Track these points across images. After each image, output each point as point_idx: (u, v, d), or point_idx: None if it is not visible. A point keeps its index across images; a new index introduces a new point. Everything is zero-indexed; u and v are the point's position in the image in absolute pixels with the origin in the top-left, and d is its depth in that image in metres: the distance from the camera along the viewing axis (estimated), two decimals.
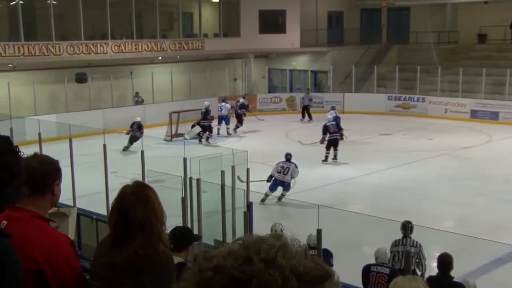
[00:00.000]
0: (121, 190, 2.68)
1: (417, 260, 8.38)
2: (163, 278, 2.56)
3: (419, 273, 8.22)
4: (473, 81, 25.90)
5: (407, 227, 8.71)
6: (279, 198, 13.94)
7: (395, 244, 8.66)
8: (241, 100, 24.13)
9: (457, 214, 13.22)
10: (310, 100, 26.80)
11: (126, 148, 19.46)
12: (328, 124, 18.50)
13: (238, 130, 23.32)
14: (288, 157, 14.43)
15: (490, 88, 25.52)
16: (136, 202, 2.58)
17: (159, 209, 2.65)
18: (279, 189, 14.04)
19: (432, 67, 27.58)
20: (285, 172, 13.98)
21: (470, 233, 9.68)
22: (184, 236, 5.48)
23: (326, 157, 17.88)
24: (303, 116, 26.40)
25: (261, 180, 13.76)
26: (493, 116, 24.91)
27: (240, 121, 23.51)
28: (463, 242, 9.26)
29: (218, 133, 22.75)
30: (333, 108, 22.22)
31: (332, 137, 17.96)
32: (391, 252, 8.56)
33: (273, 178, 14.01)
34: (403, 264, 8.28)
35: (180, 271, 2.37)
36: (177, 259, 5.08)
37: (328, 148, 17.96)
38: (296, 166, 14.16)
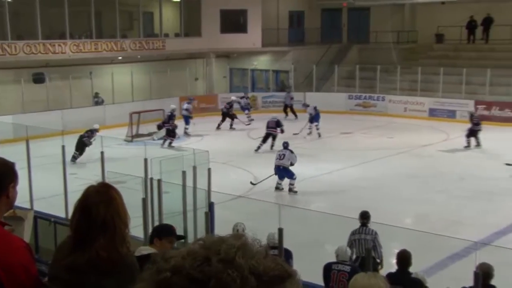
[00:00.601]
0: (85, 190, 2.63)
1: (376, 246, 8.81)
2: (126, 283, 2.44)
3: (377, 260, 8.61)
4: (431, 80, 26.38)
5: (364, 216, 9.24)
6: (288, 191, 14.77)
7: (353, 233, 9.10)
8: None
9: (416, 211, 13.44)
10: (292, 98, 26.99)
11: (74, 159, 17.53)
12: (269, 120, 19.78)
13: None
14: (284, 145, 15.42)
15: (448, 87, 26.01)
16: (100, 202, 2.53)
17: (122, 211, 2.60)
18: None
19: (392, 66, 27.98)
20: (281, 158, 14.88)
21: (428, 230, 9.85)
22: (162, 230, 5.48)
23: (259, 147, 19.35)
24: (286, 114, 26.66)
25: (270, 176, 14.96)
26: (451, 115, 25.41)
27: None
28: (421, 238, 9.42)
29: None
30: (306, 105, 23.22)
31: (270, 131, 19.51)
32: (349, 240, 8.98)
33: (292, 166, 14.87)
34: (361, 252, 8.74)
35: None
36: (152, 250, 5.07)
37: (264, 140, 19.40)
38: (292, 152, 15.03)
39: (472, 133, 19.65)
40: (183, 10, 29.47)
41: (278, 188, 14.97)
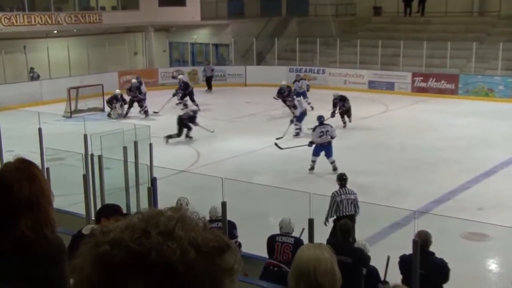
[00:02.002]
0: (3, 166, 2.44)
1: (353, 207, 9.54)
2: (53, 266, 2.32)
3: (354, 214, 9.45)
4: (370, 52, 26.77)
5: (343, 178, 9.96)
6: (333, 169, 13.99)
7: (337, 194, 9.59)
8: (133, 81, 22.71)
9: (357, 182, 13.62)
10: (212, 70, 27.10)
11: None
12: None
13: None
14: (322, 119, 14.82)
15: (386, 60, 26.48)
16: (22, 179, 2.31)
17: (46, 188, 2.39)
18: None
19: (331, 39, 28.22)
20: (326, 134, 14.38)
21: (369, 200, 10.05)
22: (109, 210, 5.42)
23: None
24: (209, 87, 26.63)
25: (300, 145, 14.76)
26: (389, 87, 25.92)
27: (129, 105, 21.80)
28: (362, 208, 9.61)
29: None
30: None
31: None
32: (334, 202, 9.45)
33: (314, 144, 14.39)
34: (348, 211, 9.37)
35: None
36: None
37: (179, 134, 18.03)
38: (331, 126, 14.69)
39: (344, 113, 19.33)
40: None
41: (313, 168, 14.33)
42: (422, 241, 6.47)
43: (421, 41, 25.70)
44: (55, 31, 25.94)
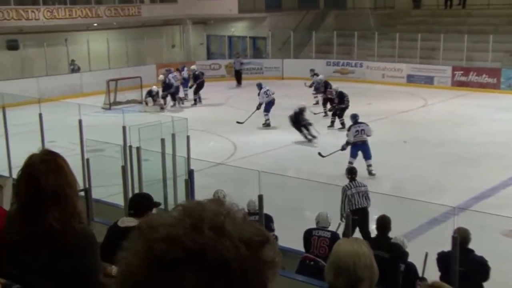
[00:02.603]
0: (28, 158, 2.39)
1: (366, 199, 9.57)
2: (83, 258, 2.33)
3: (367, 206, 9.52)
4: (409, 46, 26.40)
5: (353, 172, 9.98)
6: (368, 173, 13.03)
7: (349, 187, 9.57)
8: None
9: (394, 177, 13.55)
10: (241, 64, 26.83)
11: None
12: None
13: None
14: (356, 118, 13.89)
15: (425, 53, 26.09)
16: (48, 171, 2.31)
17: (72, 179, 2.39)
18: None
19: (369, 32, 27.92)
20: (362, 133, 13.54)
21: (407, 195, 9.95)
22: (143, 201, 5.43)
23: None
24: (238, 82, 26.48)
25: (335, 151, 13.60)
26: (428, 81, 25.54)
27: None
28: (400, 204, 9.51)
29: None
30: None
31: None
32: (345, 196, 9.45)
33: (349, 145, 13.56)
34: (360, 204, 9.41)
35: None
36: (137, 222, 5.04)
37: None
38: (367, 125, 13.84)
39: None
40: None
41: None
42: (462, 238, 6.37)
43: (462, 34, 25.21)
44: (95, 24, 26.31)
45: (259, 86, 18.60)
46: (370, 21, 28.78)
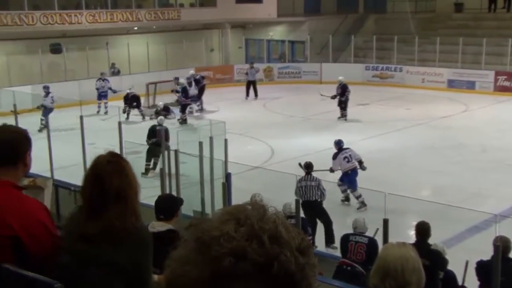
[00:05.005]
0: (95, 160, 2.59)
1: (318, 192, 10.21)
2: (139, 255, 2.49)
3: (319, 200, 10.20)
4: (450, 50, 25.99)
5: (309, 166, 10.61)
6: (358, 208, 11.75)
7: (299, 180, 10.21)
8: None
9: (434, 183, 13.34)
10: (256, 72, 25.21)
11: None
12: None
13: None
14: (341, 144, 12.62)
15: (467, 58, 25.64)
16: (112, 172, 2.50)
17: (133, 181, 2.57)
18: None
19: (409, 36, 27.60)
20: (350, 158, 12.27)
21: (446, 202, 9.78)
22: (171, 204, 5.44)
23: None
24: (248, 94, 24.34)
25: (324, 170, 12.15)
26: (470, 86, 25.08)
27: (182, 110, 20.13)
28: (439, 210, 9.35)
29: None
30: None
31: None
32: (296, 187, 10.03)
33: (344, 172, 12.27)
34: (307, 197, 10.04)
35: (173, 239, 2.31)
36: (167, 226, 5.05)
37: None
38: (351, 150, 12.57)
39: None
40: None
41: (348, 199, 12.19)
42: (503, 247, 6.22)
43: (505, 38, 24.71)
44: (136, 28, 26.66)
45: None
46: (410, 25, 28.46)
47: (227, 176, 9.96)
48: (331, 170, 12.34)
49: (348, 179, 12.08)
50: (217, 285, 0.92)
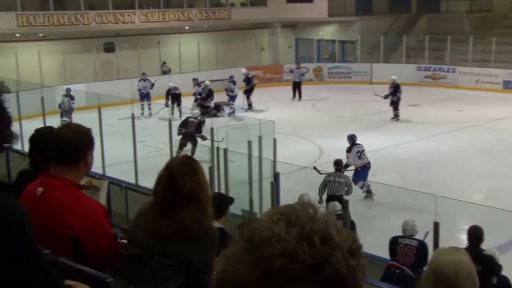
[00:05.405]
0: (169, 161, 2.75)
1: (346, 189, 10.57)
2: (208, 253, 2.59)
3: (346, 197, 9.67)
4: (507, 50, 25.31)
5: (338, 163, 11.02)
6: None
7: (328, 175, 10.75)
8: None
9: (487, 187, 13.04)
10: (302, 75, 24.62)
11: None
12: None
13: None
14: (354, 139, 12.75)
15: None
16: (185, 174, 2.61)
17: (205, 183, 2.70)
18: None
19: (463, 36, 26.98)
20: (363, 154, 12.58)
21: (500, 206, 9.53)
22: (221, 202, 5.48)
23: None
24: (294, 95, 24.05)
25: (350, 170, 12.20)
26: None
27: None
28: (492, 215, 9.14)
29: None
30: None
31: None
32: (324, 181, 10.66)
33: (355, 169, 12.42)
34: (333, 191, 10.45)
35: (222, 238, 2.37)
36: (217, 225, 5.10)
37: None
38: (363, 146, 12.74)
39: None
40: None
41: (370, 192, 12.24)
42: None
43: None
44: (187, 27, 26.96)
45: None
46: (465, 25, 27.83)
47: (276, 176, 9.97)
48: (346, 166, 11.95)
49: (360, 175, 12.37)
50: (267, 286, 0.92)
